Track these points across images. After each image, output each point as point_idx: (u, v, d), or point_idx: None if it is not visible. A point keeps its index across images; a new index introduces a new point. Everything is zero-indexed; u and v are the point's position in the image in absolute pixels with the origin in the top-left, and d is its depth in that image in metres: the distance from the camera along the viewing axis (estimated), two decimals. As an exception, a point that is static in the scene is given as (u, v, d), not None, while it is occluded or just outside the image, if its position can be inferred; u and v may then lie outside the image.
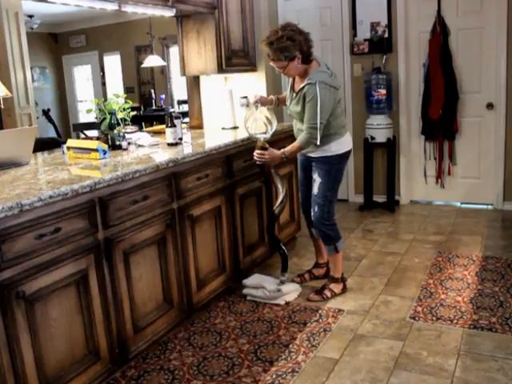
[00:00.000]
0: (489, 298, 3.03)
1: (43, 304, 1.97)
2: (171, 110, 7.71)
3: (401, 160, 5.14)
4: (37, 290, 1.93)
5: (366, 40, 5.00)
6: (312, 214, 3.13)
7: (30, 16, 8.46)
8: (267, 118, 3.09)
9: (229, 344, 2.68)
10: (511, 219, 4.55)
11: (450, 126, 4.86)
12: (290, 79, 3.09)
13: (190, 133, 3.88)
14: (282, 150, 3.04)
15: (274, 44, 2.82)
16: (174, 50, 9.13)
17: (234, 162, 3.17)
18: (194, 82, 4.16)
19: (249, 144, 3.25)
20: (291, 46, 2.81)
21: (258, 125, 3.09)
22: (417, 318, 2.84)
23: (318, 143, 2.92)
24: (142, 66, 8.23)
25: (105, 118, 3.02)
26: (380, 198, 5.12)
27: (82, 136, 5.63)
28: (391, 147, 5.00)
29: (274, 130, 3.11)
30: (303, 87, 2.89)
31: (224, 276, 3.15)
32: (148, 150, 3.03)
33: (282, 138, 3.56)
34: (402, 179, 5.19)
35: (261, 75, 4.07)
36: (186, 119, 4.29)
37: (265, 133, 3.09)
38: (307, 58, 2.89)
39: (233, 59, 3.76)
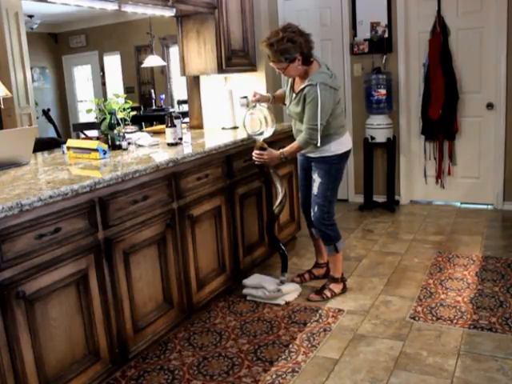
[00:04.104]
0: (489, 298, 3.03)
1: (43, 304, 1.97)
2: (171, 110, 7.71)
3: (401, 160, 5.14)
4: (37, 290, 1.93)
5: (366, 40, 5.00)
6: (312, 213, 3.13)
7: (30, 16, 8.46)
8: (265, 117, 3.08)
9: (229, 344, 2.68)
10: (511, 219, 4.55)
11: (450, 126, 4.86)
12: (290, 79, 3.09)
13: (190, 133, 3.88)
14: (281, 151, 3.04)
15: (274, 46, 2.81)
16: (174, 50, 9.13)
17: (234, 162, 3.17)
18: (194, 82, 4.16)
19: (249, 144, 3.25)
20: (291, 47, 2.80)
21: (254, 121, 3.07)
22: (417, 318, 2.84)
23: (319, 144, 2.92)
24: (142, 66, 8.23)
25: (105, 118, 3.02)
26: (380, 198, 5.12)
27: (82, 136, 5.64)
28: (391, 147, 5.00)
29: (273, 130, 3.11)
30: (304, 88, 2.88)
31: (224, 276, 3.15)
32: (148, 150, 3.03)
33: (282, 138, 3.56)
34: (401, 179, 5.19)
35: (261, 75, 4.07)
36: (186, 119, 4.29)
37: (261, 132, 3.08)
38: (307, 60, 2.88)
39: (233, 59, 3.76)
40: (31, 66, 6.67)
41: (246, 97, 3.88)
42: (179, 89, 9.16)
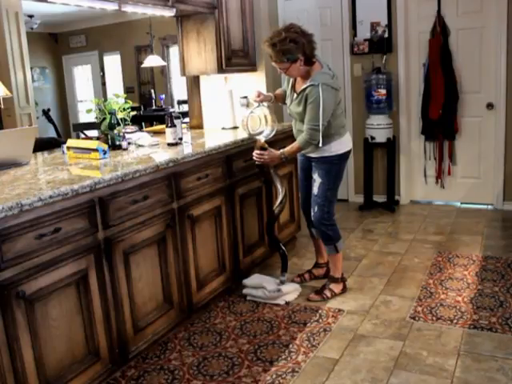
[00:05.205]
0: (489, 298, 3.03)
1: (43, 304, 1.97)
2: (171, 110, 7.71)
3: (401, 160, 5.14)
4: (37, 290, 1.93)
5: (366, 40, 5.00)
6: (312, 213, 3.13)
7: (30, 16, 8.46)
8: (265, 116, 3.07)
9: (229, 344, 2.68)
10: (511, 219, 4.55)
11: (450, 126, 4.86)
12: (291, 79, 3.08)
13: (190, 133, 3.88)
14: (282, 151, 3.04)
15: (276, 46, 2.80)
16: (174, 50, 9.13)
17: (234, 162, 3.17)
18: (193, 82, 4.16)
19: (249, 144, 3.25)
20: (294, 48, 2.79)
21: (254, 120, 3.06)
22: (417, 318, 2.84)
23: (321, 145, 2.92)
24: (142, 66, 8.23)
25: (105, 118, 3.02)
26: (380, 198, 5.12)
27: (82, 136, 5.64)
28: (391, 147, 5.00)
29: (273, 130, 3.10)
30: (305, 88, 2.88)
31: (224, 276, 3.15)
32: (148, 149, 3.03)
33: (282, 138, 3.56)
34: (402, 179, 5.19)
35: (261, 75, 4.07)
36: (186, 119, 4.29)
37: (260, 132, 3.08)
38: (310, 60, 2.88)
39: (233, 59, 3.76)
40: (31, 65, 6.68)
41: (246, 97, 3.89)
42: (179, 89, 9.16)
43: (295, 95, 3.02)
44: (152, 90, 8.95)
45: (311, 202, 3.13)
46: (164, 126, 3.24)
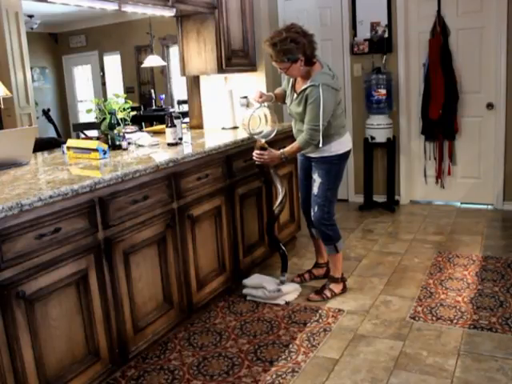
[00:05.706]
0: (489, 298, 3.03)
1: (43, 304, 1.97)
2: (171, 110, 7.71)
3: (401, 160, 5.14)
4: (37, 290, 1.93)
5: (366, 40, 5.00)
6: (312, 213, 3.13)
7: (30, 16, 8.46)
8: (265, 115, 3.07)
9: (229, 344, 2.68)
10: (511, 219, 4.55)
11: (450, 126, 4.86)
12: (291, 79, 3.08)
13: (190, 133, 3.88)
14: (282, 151, 3.04)
15: (277, 46, 2.80)
16: (174, 50, 9.14)
17: (234, 162, 3.17)
18: (193, 82, 4.17)
19: (249, 144, 3.25)
20: (294, 48, 2.79)
21: (254, 119, 3.07)
22: (417, 318, 2.84)
23: (321, 145, 2.92)
24: (142, 66, 8.23)
25: (105, 118, 3.02)
26: (380, 198, 5.12)
27: (82, 136, 5.64)
28: (391, 147, 5.00)
29: (274, 130, 3.10)
30: (306, 88, 2.88)
31: (224, 276, 3.15)
32: (148, 149, 3.03)
33: (282, 138, 3.56)
34: (401, 179, 5.19)
35: (261, 75, 4.07)
36: (186, 119, 4.29)
37: (260, 132, 3.08)
38: (310, 60, 2.88)
39: (233, 59, 3.76)
40: (31, 65, 6.68)
41: (246, 97, 3.89)
42: (179, 89, 9.16)
43: (295, 95, 3.02)
44: (152, 90, 8.95)
45: (311, 202, 3.13)
46: (164, 126, 3.24)
